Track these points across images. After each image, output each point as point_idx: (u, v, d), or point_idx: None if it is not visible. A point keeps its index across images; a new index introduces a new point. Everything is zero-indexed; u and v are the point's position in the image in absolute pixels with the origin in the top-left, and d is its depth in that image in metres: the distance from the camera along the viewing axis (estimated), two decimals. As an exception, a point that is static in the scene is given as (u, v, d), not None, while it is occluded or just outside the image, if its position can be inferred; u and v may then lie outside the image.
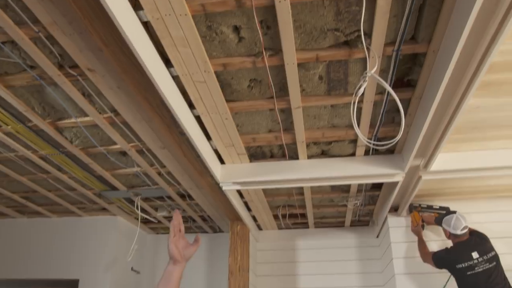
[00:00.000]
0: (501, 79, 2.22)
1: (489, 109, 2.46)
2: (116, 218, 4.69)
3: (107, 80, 2.21)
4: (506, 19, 1.61)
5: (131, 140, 2.90)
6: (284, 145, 2.85)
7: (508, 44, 1.96)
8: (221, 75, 2.14)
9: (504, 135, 2.76)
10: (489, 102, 2.40)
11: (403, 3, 1.68)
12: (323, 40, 1.88)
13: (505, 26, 1.63)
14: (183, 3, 1.63)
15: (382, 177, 3.06)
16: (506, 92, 2.31)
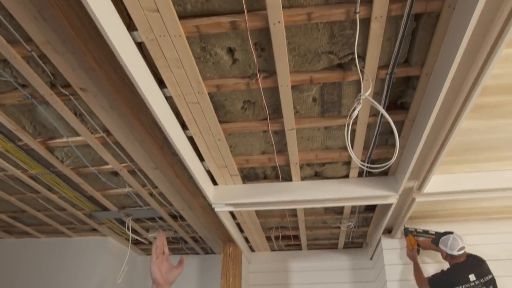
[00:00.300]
0: (492, 102, 2.24)
1: (481, 131, 2.47)
2: (106, 239, 4.62)
3: (100, 99, 2.20)
4: (497, 44, 1.62)
5: (123, 161, 2.87)
6: (278, 167, 2.83)
7: (499, 68, 1.98)
8: (215, 96, 2.13)
9: (496, 157, 2.77)
10: (481, 125, 2.42)
11: (396, 27, 1.69)
12: (317, 62, 1.88)
13: (497, 51, 1.65)
14: (177, 24, 1.63)
15: (375, 199, 3.04)
16: (498, 115, 2.33)
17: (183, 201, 3.40)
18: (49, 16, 1.70)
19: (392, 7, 1.57)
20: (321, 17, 1.61)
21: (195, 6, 1.62)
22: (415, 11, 1.59)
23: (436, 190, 2.96)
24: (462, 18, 1.52)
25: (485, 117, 2.32)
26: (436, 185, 2.95)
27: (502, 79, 2.04)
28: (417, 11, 1.60)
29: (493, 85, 2.07)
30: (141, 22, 1.62)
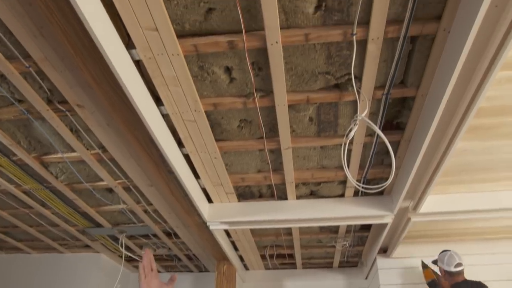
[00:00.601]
0: (487, 123, 2.25)
1: (476, 152, 2.48)
2: (99, 255, 4.56)
3: (96, 116, 2.20)
4: (492, 67, 1.65)
5: (118, 177, 2.86)
6: (273, 185, 2.83)
7: (493, 90, 2.00)
8: (211, 114, 2.14)
9: (491, 178, 2.78)
10: (477, 146, 2.43)
11: (392, 48, 1.71)
12: (314, 82, 1.90)
13: (491, 73, 1.67)
14: (175, 43, 1.65)
15: (371, 219, 3.04)
16: (492, 136, 2.34)
17: (178, 219, 3.38)
18: (48, 34, 1.71)
19: (389, 29, 1.59)
20: (319, 38, 1.63)
21: (193, 25, 1.64)
22: (411, 33, 1.61)
23: (431, 210, 2.96)
24: (457, 42, 1.54)
25: (480, 138, 2.34)
26: (431, 205, 2.95)
27: (496, 101, 2.06)
28: (413, 34, 1.62)
29: (487, 107, 2.09)
30: (139, 41, 1.63)
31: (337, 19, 1.58)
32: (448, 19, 1.54)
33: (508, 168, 2.63)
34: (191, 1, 1.53)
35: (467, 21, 1.44)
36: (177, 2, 1.53)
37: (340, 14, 1.55)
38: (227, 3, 1.52)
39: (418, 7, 1.52)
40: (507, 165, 2.60)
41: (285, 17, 1.58)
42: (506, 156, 2.51)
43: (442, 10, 1.54)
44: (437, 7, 1.53)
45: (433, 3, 1.51)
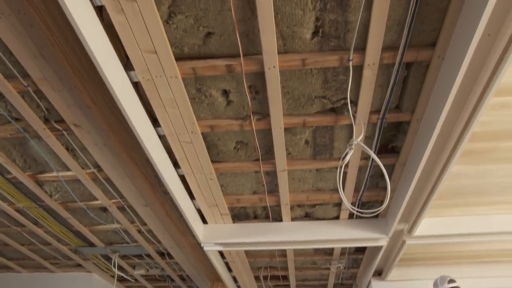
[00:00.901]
0: (481, 148, 2.27)
1: (470, 176, 2.50)
2: (91, 275, 4.51)
3: (93, 136, 2.20)
4: (485, 93, 1.67)
5: (112, 197, 2.84)
6: (268, 207, 2.82)
7: (487, 116, 2.03)
8: (208, 136, 2.15)
9: (485, 202, 2.79)
10: (471, 170, 2.45)
11: (388, 74, 1.74)
12: (311, 106, 1.92)
13: (485, 99, 1.69)
14: (174, 65, 1.66)
15: (366, 241, 3.03)
16: (486, 161, 2.36)
17: (172, 239, 3.36)
18: (48, 54, 1.73)
19: (384, 55, 1.62)
20: (315, 63, 1.66)
21: (192, 48, 1.66)
22: (406, 59, 1.64)
23: (426, 233, 2.95)
24: (451, 68, 1.57)
25: (474, 162, 2.36)
26: (426, 228, 2.95)
27: (490, 126, 2.08)
28: (408, 60, 1.65)
29: (481, 132, 2.12)
30: (138, 63, 1.65)
31: (334, 45, 1.61)
32: (442, 46, 1.58)
33: (501, 192, 2.64)
34: (190, 25, 1.55)
35: (461, 49, 1.47)
36: (176, 26, 1.56)
37: (337, 40, 1.58)
38: (226, 27, 1.55)
39: (413, 34, 1.55)
40: (500, 189, 2.61)
41: (282, 42, 1.60)
42: (499, 180, 2.53)
43: (437, 38, 1.57)
44: (431, 34, 1.56)
45: (427, 31, 1.54)
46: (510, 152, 2.25)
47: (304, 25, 1.53)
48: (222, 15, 1.50)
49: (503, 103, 1.95)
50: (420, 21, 1.50)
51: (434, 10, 1.47)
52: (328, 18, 1.50)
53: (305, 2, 1.44)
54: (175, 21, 1.54)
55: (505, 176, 2.46)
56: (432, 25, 1.52)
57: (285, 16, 1.49)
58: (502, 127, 2.08)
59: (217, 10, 1.48)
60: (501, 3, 1.34)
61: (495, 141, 2.20)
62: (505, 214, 2.88)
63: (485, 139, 2.18)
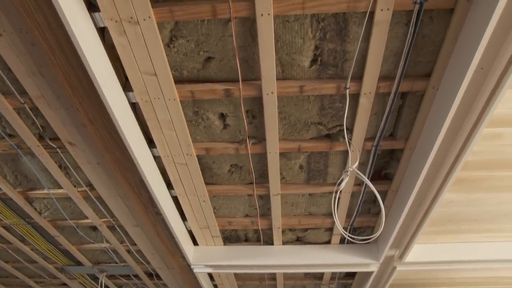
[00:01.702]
0: (473, 176, 2.30)
1: (462, 203, 2.52)
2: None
3: (87, 155, 2.19)
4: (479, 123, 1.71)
5: (103, 216, 2.82)
6: (260, 230, 2.82)
7: (479, 146, 2.07)
8: (203, 158, 2.15)
9: (476, 229, 2.81)
10: (462, 197, 2.47)
11: (384, 103, 1.77)
12: (306, 132, 1.94)
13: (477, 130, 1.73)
14: (173, 88, 1.68)
15: (356, 267, 3.02)
16: (477, 189, 2.39)
17: (161, 260, 3.32)
18: (47, 73, 1.74)
19: (381, 84, 1.65)
20: (313, 90, 1.68)
21: (191, 72, 1.68)
22: (401, 89, 1.67)
23: (417, 260, 2.95)
24: (445, 99, 1.61)
25: (465, 190, 2.38)
26: (417, 255, 2.95)
27: (481, 156, 2.12)
28: (403, 90, 1.68)
29: (473, 161, 2.15)
30: (137, 84, 1.66)
31: (332, 73, 1.64)
32: (437, 78, 1.61)
33: (492, 219, 2.67)
34: (191, 49, 1.57)
35: (455, 81, 1.50)
36: (177, 50, 1.58)
37: (335, 68, 1.61)
38: (226, 53, 1.57)
39: (409, 65, 1.59)
40: (491, 217, 2.64)
41: (281, 69, 1.63)
42: (490, 208, 2.56)
43: (432, 69, 1.61)
44: (427, 66, 1.60)
45: (423, 62, 1.58)
46: (500, 181, 2.28)
47: (303, 53, 1.56)
48: (223, 40, 1.53)
49: (494, 133, 1.99)
50: (416, 53, 1.54)
51: (429, 43, 1.51)
52: (327, 47, 1.53)
53: (305, 31, 1.47)
54: (176, 45, 1.56)
55: (496, 205, 2.49)
56: (428, 57, 1.56)
57: (285, 44, 1.52)
58: (493, 157, 2.12)
59: (219, 35, 1.51)
60: (494, 39, 1.39)
61: (487, 170, 2.23)
62: (495, 242, 2.89)
63: (477, 168, 2.22)
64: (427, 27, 1.45)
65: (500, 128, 1.97)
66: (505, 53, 1.42)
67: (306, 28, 1.47)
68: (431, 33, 1.47)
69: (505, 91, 1.52)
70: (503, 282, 3.63)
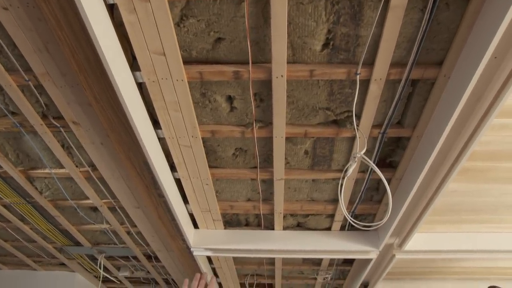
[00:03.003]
0: (478, 166, 2.30)
1: (466, 194, 2.53)
2: (74, 274, 4.44)
3: (91, 135, 2.18)
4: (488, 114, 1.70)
5: (104, 197, 2.82)
6: (261, 215, 2.82)
7: (486, 136, 2.06)
8: (208, 141, 2.14)
9: (478, 219, 2.83)
10: (466, 188, 2.48)
11: (393, 90, 1.76)
12: (314, 117, 1.92)
13: (487, 120, 1.72)
14: (181, 69, 1.66)
15: (356, 254, 3.04)
16: (483, 179, 2.40)
17: (161, 242, 3.33)
18: (54, 50, 1.71)
19: (392, 71, 1.64)
20: (323, 75, 1.67)
21: (200, 53, 1.65)
22: (412, 77, 1.66)
23: (417, 248, 2.97)
24: (456, 88, 1.59)
25: (470, 181, 2.39)
26: (417, 243, 2.97)
27: (489, 146, 2.11)
28: (414, 77, 1.67)
29: (480, 151, 2.15)
30: (145, 64, 1.64)
31: (343, 58, 1.62)
32: (449, 66, 1.60)
33: (495, 211, 2.68)
34: (201, 30, 1.55)
35: (468, 70, 1.49)
36: (187, 29, 1.55)
37: (346, 53, 1.59)
38: (237, 34, 1.55)
39: (422, 52, 1.57)
40: (494, 208, 2.65)
41: (292, 52, 1.61)
42: (493, 199, 2.56)
43: (444, 57, 1.59)
44: (439, 53, 1.58)
45: (436, 49, 1.56)
46: (506, 172, 2.28)
47: (315, 36, 1.53)
48: (235, 21, 1.50)
49: (503, 124, 1.98)
50: (430, 39, 1.52)
51: (444, 30, 1.49)
52: (340, 31, 1.51)
53: (319, 14, 1.45)
54: (186, 25, 1.54)
55: (499, 196, 2.50)
56: (441, 44, 1.54)
57: (297, 27, 1.50)
58: (500, 148, 2.12)
59: (230, 16, 1.49)
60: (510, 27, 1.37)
61: (492, 161, 2.23)
62: (495, 232, 2.91)
63: (483, 158, 2.22)
64: (442, 14, 1.43)
65: (509, 119, 1.96)
66: (521, 42, 1.40)
67: (320, 11, 1.44)
68: (446, 20, 1.45)
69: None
70: (501, 272, 3.67)
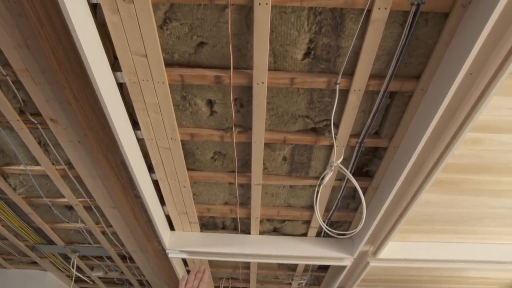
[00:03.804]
0: (451, 178, 2.36)
1: (439, 204, 2.58)
2: (46, 273, 4.37)
3: (69, 133, 2.16)
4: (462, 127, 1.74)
5: (80, 196, 2.78)
6: (238, 219, 2.83)
7: (459, 149, 2.11)
8: (187, 144, 2.14)
9: (451, 230, 2.89)
10: (440, 199, 2.53)
11: (372, 101, 1.79)
12: (293, 124, 1.95)
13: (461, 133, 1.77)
14: (163, 71, 1.66)
15: (331, 260, 3.07)
16: (455, 191, 2.45)
17: (136, 243, 3.31)
18: (34, 46, 1.69)
19: (371, 82, 1.67)
20: (303, 83, 1.69)
21: (182, 56, 1.66)
22: (390, 89, 1.70)
23: (391, 256, 3.02)
24: (432, 102, 1.63)
25: (443, 192, 2.44)
26: (391, 252, 3.02)
27: (462, 159, 2.17)
28: (393, 89, 1.71)
29: (454, 163, 2.20)
30: (127, 65, 1.64)
31: (323, 68, 1.64)
32: (426, 80, 1.64)
33: (466, 222, 2.74)
34: (184, 33, 1.56)
35: (444, 84, 1.53)
36: (170, 32, 1.56)
37: (327, 63, 1.62)
38: (220, 39, 1.56)
39: (400, 65, 1.61)
40: (465, 219, 2.72)
41: (273, 60, 1.63)
42: (465, 211, 2.63)
43: (422, 71, 1.63)
44: (417, 68, 1.62)
45: (414, 63, 1.60)
46: (477, 184, 2.34)
47: (297, 45, 1.56)
48: (218, 26, 1.51)
49: (475, 138, 2.04)
50: (408, 54, 1.56)
51: (422, 45, 1.53)
52: (322, 41, 1.53)
53: (302, 24, 1.47)
54: (169, 27, 1.54)
55: (470, 207, 2.56)
56: (419, 59, 1.58)
57: (280, 35, 1.52)
58: (473, 161, 2.17)
59: (214, 21, 1.50)
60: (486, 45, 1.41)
61: (465, 173, 2.29)
62: (467, 243, 2.98)
63: (456, 170, 2.27)
64: (421, 29, 1.47)
65: (481, 134, 2.01)
66: (495, 60, 1.45)
67: (303, 21, 1.47)
68: (425, 35, 1.49)
69: (491, 98, 1.55)
70: (472, 282, 3.75)
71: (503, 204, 2.54)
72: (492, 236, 2.92)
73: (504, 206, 2.55)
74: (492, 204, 2.54)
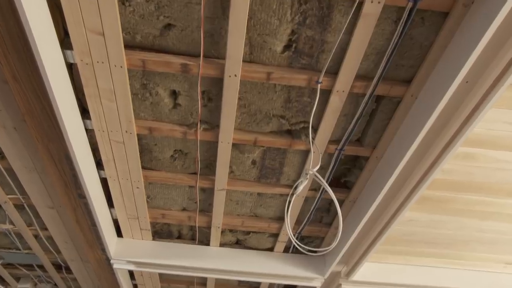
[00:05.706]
0: (437, 196, 2.43)
1: (421, 223, 2.65)
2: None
3: (3, 117, 2.10)
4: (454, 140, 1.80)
5: (11, 191, 2.71)
6: (196, 227, 2.83)
7: (449, 164, 2.18)
8: (144, 139, 2.13)
9: (431, 253, 2.97)
10: (423, 217, 2.60)
11: (356, 104, 1.83)
12: (266, 124, 1.96)
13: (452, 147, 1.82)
14: (122, 54, 1.64)
15: (299, 280, 3.11)
16: (440, 210, 2.52)
17: (76, 251, 3.25)
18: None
19: (356, 84, 1.71)
20: (281, 79, 1.71)
21: (146, 38, 1.65)
22: (377, 92, 1.74)
23: (365, 279, 3.08)
24: (423, 110, 1.68)
25: (428, 211, 2.51)
26: (366, 273, 3.07)
27: (451, 175, 2.23)
28: (380, 93, 1.75)
29: (441, 180, 2.26)
30: (79, 43, 1.61)
31: (305, 63, 1.67)
32: (418, 85, 1.69)
33: (449, 245, 2.83)
34: (150, 12, 1.55)
35: (437, 92, 1.58)
36: (133, 9, 1.55)
37: (309, 59, 1.65)
38: (190, 22, 1.56)
39: (390, 67, 1.65)
40: (449, 242, 2.80)
41: (249, 50, 1.64)
42: (449, 233, 2.71)
43: (413, 75, 1.68)
44: (409, 71, 1.67)
45: (405, 66, 1.65)
46: (465, 205, 2.42)
47: (277, 36, 1.58)
48: (189, 7, 1.52)
49: (467, 153, 2.10)
50: (400, 55, 1.61)
51: (416, 46, 1.57)
52: (305, 34, 1.56)
53: (284, 12, 1.49)
54: (132, 4, 1.53)
55: (456, 229, 2.64)
56: (412, 61, 1.63)
57: (258, 23, 1.54)
58: (462, 178, 2.24)
59: (184, 1, 1.50)
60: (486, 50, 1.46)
61: (453, 191, 2.36)
62: (449, 269, 3.07)
63: (443, 188, 2.34)
64: (417, 29, 1.52)
65: (474, 148, 2.08)
66: (494, 69, 1.50)
67: (286, 9, 1.49)
68: (420, 36, 1.54)
69: (488, 110, 1.61)
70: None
71: (493, 228, 2.62)
72: (479, 263, 3.02)
73: (494, 230, 2.64)
74: (481, 227, 2.62)
